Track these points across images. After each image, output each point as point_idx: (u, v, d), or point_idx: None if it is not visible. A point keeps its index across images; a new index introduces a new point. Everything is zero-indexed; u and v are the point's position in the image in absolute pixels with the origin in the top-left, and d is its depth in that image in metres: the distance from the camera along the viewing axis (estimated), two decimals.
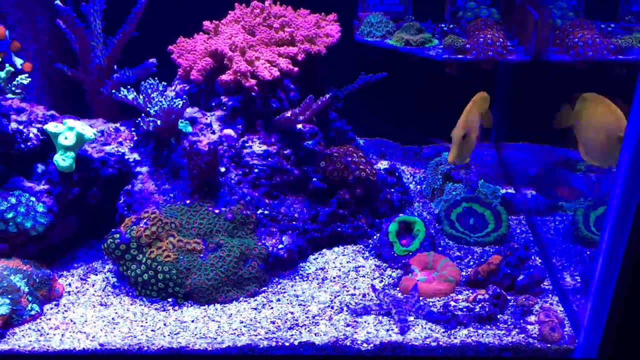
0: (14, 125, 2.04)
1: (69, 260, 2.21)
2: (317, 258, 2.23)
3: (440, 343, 1.81)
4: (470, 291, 2.00)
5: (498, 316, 1.89)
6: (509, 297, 1.95)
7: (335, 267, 2.18)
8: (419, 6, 2.79)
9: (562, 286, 2.01)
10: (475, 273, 2.03)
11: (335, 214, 2.27)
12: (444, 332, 1.84)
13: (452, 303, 1.89)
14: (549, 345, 1.79)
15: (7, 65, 2.14)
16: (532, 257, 2.17)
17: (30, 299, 1.93)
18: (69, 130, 2.05)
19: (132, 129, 2.32)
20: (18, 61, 2.05)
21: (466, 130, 2.15)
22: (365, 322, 1.89)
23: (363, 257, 2.23)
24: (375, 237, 2.33)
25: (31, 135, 2.08)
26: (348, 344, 1.82)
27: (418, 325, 1.88)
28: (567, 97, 2.22)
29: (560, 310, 1.92)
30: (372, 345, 1.81)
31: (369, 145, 3.04)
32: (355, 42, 2.67)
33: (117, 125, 2.33)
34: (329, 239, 2.27)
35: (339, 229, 2.27)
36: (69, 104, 2.63)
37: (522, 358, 1.80)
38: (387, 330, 1.86)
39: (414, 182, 2.74)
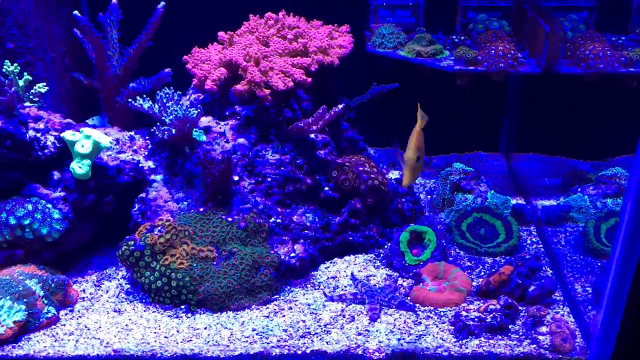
0: (31, 133, 2.07)
1: (83, 267, 2.24)
2: (328, 267, 2.24)
3: (452, 353, 1.81)
4: (481, 301, 2.01)
5: (509, 326, 1.90)
6: (520, 308, 1.95)
7: (346, 276, 2.19)
8: (430, 18, 2.82)
9: (573, 297, 2.02)
10: (486, 283, 2.03)
11: (347, 223, 2.29)
12: (455, 341, 1.85)
13: (464, 313, 1.90)
14: (560, 356, 1.80)
15: (25, 74, 2.18)
16: (543, 268, 2.17)
17: (46, 302, 1.95)
18: (85, 139, 2.08)
19: (147, 137, 2.35)
20: None
21: (418, 152, 2.17)
22: (377, 330, 1.91)
23: (374, 266, 2.25)
24: (386, 246, 2.34)
25: (48, 143, 2.11)
26: (360, 352, 1.83)
27: (429, 334, 1.89)
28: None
29: (572, 321, 1.93)
30: (384, 354, 1.82)
31: (380, 155, 3.06)
32: (367, 53, 2.70)
33: (132, 133, 2.36)
34: (340, 248, 2.29)
35: (351, 238, 2.29)
36: (83, 113, 2.66)
37: None
38: (399, 339, 1.87)
39: (424, 192, 2.75)
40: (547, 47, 2.33)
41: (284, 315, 1.99)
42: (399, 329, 1.91)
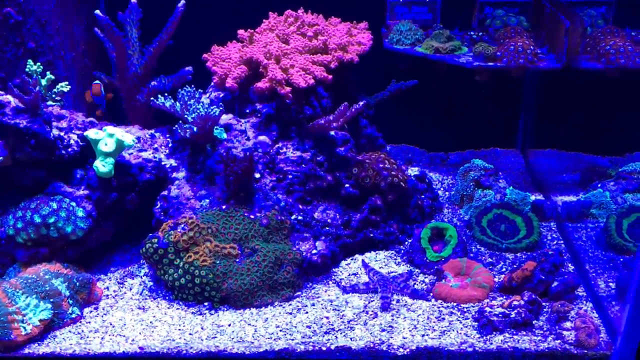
0: (55, 132, 2.09)
1: (106, 264, 2.25)
2: (349, 263, 2.25)
3: (477, 348, 1.82)
4: (504, 297, 2.01)
5: (533, 322, 1.90)
6: (543, 304, 1.95)
7: None
8: (446, 14, 2.82)
9: (596, 293, 2.02)
10: (509, 279, 2.04)
11: (368, 219, 2.29)
12: (479, 337, 1.86)
13: (488, 309, 1.90)
14: (585, 351, 1.80)
15: (47, 73, 2.19)
16: (565, 264, 2.17)
17: (71, 302, 1.96)
18: (109, 137, 2.09)
19: (167, 135, 2.36)
20: None
21: None
22: (401, 327, 1.91)
23: (395, 262, 2.25)
24: (406, 242, 2.35)
25: (71, 141, 2.12)
26: (384, 348, 1.83)
27: (453, 330, 1.89)
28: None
29: (595, 317, 1.93)
30: (408, 350, 1.83)
31: (396, 151, 3.06)
32: (384, 49, 2.69)
33: (152, 132, 2.37)
34: (361, 245, 2.29)
35: (371, 235, 2.29)
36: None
37: None
38: (423, 335, 1.87)
39: (442, 189, 2.75)
40: (568, 42, 2.32)
41: (307, 312, 2.00)
42: (423, 325, 1.92)
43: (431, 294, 2.06)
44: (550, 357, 1.80)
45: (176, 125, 2.21)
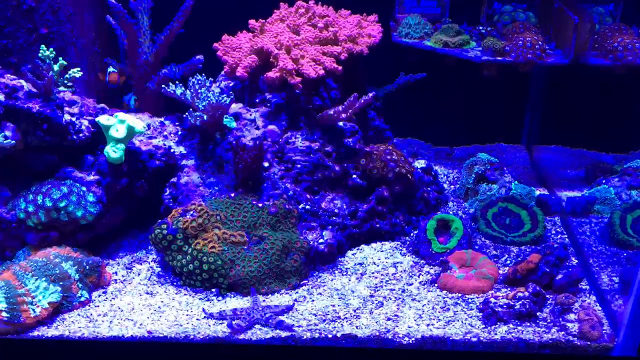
0: (67, 117, 2.10)
1: (114, 250, 2.27)
2: (355, 253, 2.27)
3: (481, 338, 1.84)
4: (509, 289, 2.04)
5: (537, 314, 1.92)
6: (547, 296, 1.98)
7: (373, 262, 2.22)
8: (455, 9, 2.83)
9: (600, 286, 2.04)
10: (514, 271, 2.06)
11: (374, 210, 2.31)
12: (484, 327, 1.88)
13: (492, 300, 1.92)
14: (588, 343, 1.82)
15: (60, 58, 2.21)
16: (569, 258, 2.19)
17: (80, 285, 1.98)
18: (120, 123, 2.11)
19: (177, 123, 2.38)
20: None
21: None
22: (406, 316, 1.93)
23: (401, 253, 2.27)
24: (412, 234, 2.37)
25: (83, 127, 2.14)
26: (390, 337, 1.85)
27: (458, 320, 1.91)
28: None
29: (599, 309, 1.95)
30: (413, 338, 1.85)
31: (401, 145, 3.08)
32: (393, 43, 2.71)
33: (162, 119, 2.39)
34: (367, 235, 2.31)
35: (378, 225, 2.31)
36: (110, 98, 2.69)
37: (561, 355, 1.83)
38: (428, 324, 1.90)
39: (447, 182, 2.77)
40: (576, 38, 2.33)
41: (313, 300, 2.02)
42: (428, 315, 1.94)
43: (436, 285, 2.07)
44: (553, 348, 1.83)
45: (186, 113, 2.22)
